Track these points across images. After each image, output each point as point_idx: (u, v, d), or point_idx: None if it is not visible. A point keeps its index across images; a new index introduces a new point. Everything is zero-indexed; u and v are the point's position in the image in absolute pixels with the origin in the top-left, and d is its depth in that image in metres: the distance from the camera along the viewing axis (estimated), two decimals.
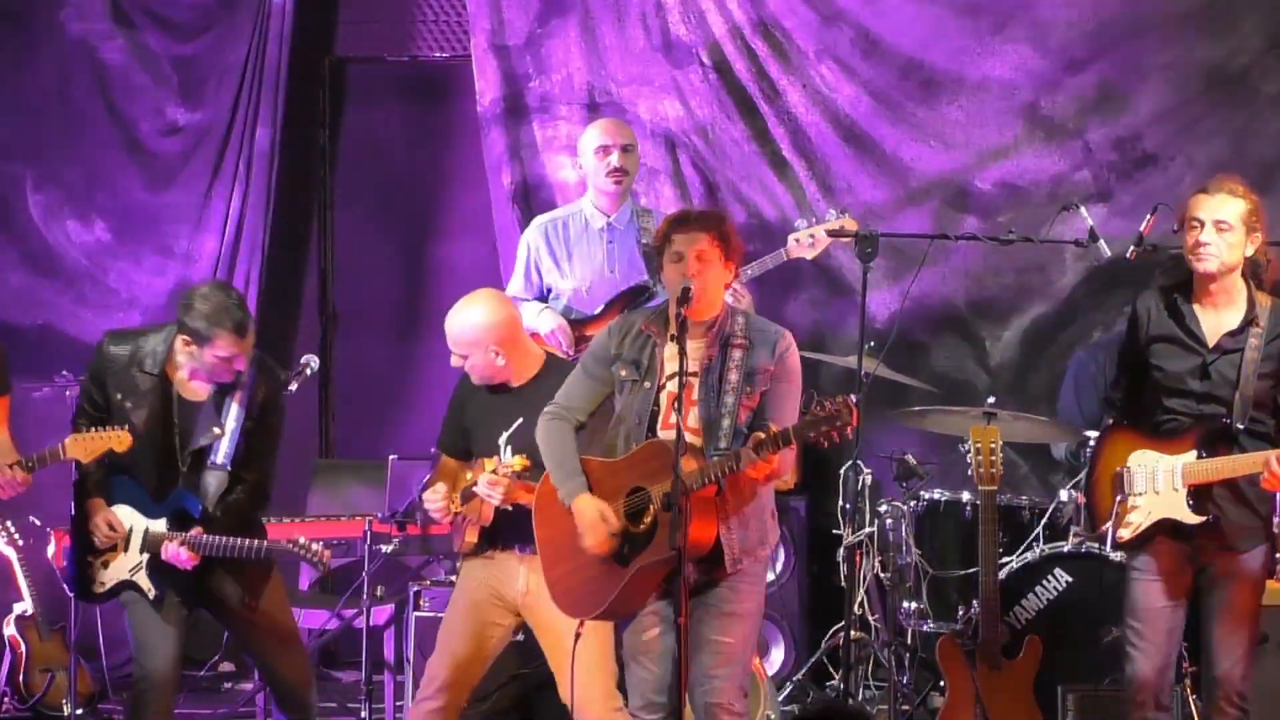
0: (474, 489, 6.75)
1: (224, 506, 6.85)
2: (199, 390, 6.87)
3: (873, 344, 8.11)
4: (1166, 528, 6.53)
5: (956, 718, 7.50)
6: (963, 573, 8.16)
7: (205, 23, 9.72)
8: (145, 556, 6.85)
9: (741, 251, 6.28)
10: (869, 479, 8.24)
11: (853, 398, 5.87)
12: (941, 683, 7.81)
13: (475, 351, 6.79)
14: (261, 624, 6.98)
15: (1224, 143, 9.02)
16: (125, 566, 6.88)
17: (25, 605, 8.65)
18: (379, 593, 8.24)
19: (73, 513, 6.91)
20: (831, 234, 8.08)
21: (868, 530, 8.18)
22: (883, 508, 8.32)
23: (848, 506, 8.17)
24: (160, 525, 6.84)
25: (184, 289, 9.51)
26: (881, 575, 8.29)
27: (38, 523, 8.59)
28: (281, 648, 7.03)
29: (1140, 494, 6.55)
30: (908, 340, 8.97)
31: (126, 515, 6.89)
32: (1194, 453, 6.48)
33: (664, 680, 6.14)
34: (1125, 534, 6.58)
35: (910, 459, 8.44)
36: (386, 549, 8.24)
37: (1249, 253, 6.50)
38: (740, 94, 9.34)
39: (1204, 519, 6.48)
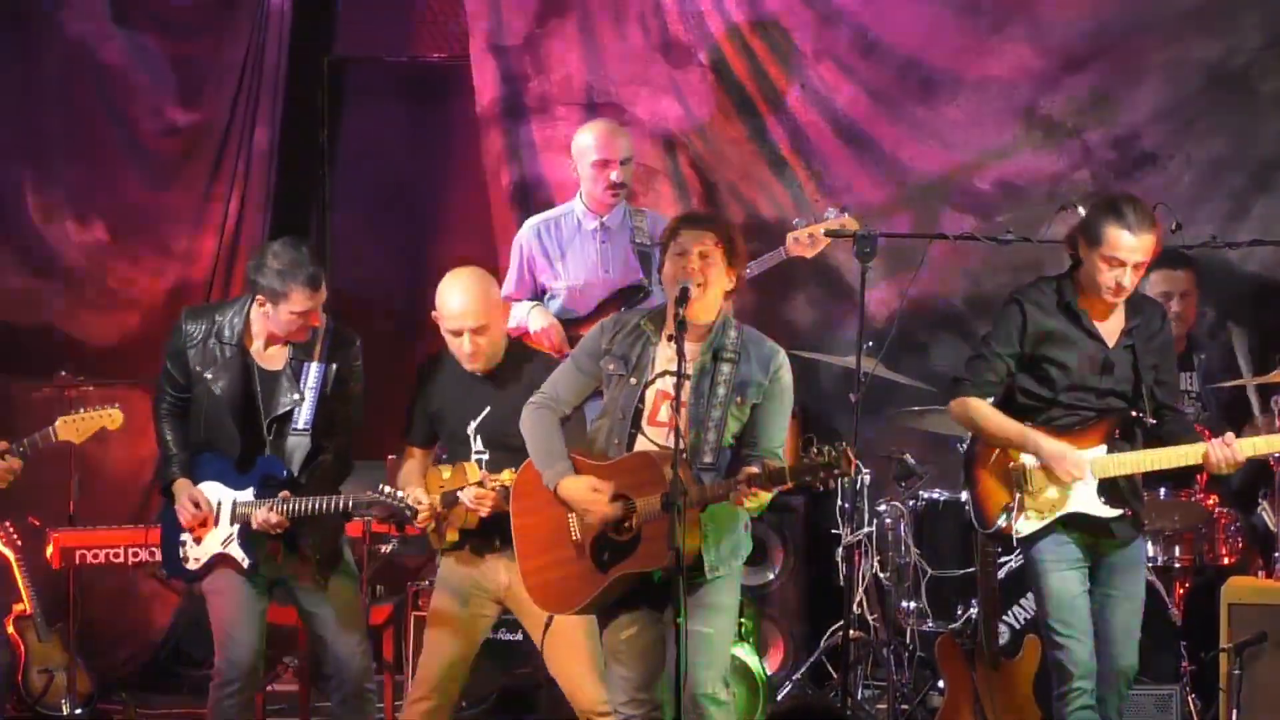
0: (458, 495, 6.76)
1: (309, 473, 6.90)
2: (276, 359, 6.92)
3: (871, 343, 8.11)
4: (1064, 520, 6.56)
5: (955, 717, 7.50)
6: (961, 572, 8.17)
7: (204, 23, 9.72)
8: (236, 528, 6.88)
9: (745, 260, 6.31)
10: (868, 479, 8.25)
11: (849, 447, 5.93)
12: (940, 682, 7.81)
13: (495, 319, 6.80)
14: (331, 604, 6.97)
15: (1223, 142, 9.02)
16: (218, 540, 6.90)
17: (24, 606, 8.64)
18: (378, 592, 8.24)
19: (163, 494, 7.03)
20: (830, 233, 8.08)
21: (867, 530, 8.19)
22: (882, 507, 8.33)
23: (847, 506, 8.19)
24: (248, 495, 6.87)
25: (184, 289, 9.61)
26: (880, 575, 8.30)
27: (37, 523, 8.60)
28: (344, 631, 6.99)
29: (1042, 490, 6.57)
30: (906, 340, 8.97)
31: (214, 490, 6.92)
32: (1103, 447, 6.52)
33: (645, 677, 6.20)
34: (1026, 528, 6.61)
35: (909, 459, 8.45)
36: (385, 549, 8.24)
37: None
38: (739, 94, 9.34)
39: (1119, 513, 6.54)
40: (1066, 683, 6.59)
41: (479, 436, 6.83)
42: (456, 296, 6.82)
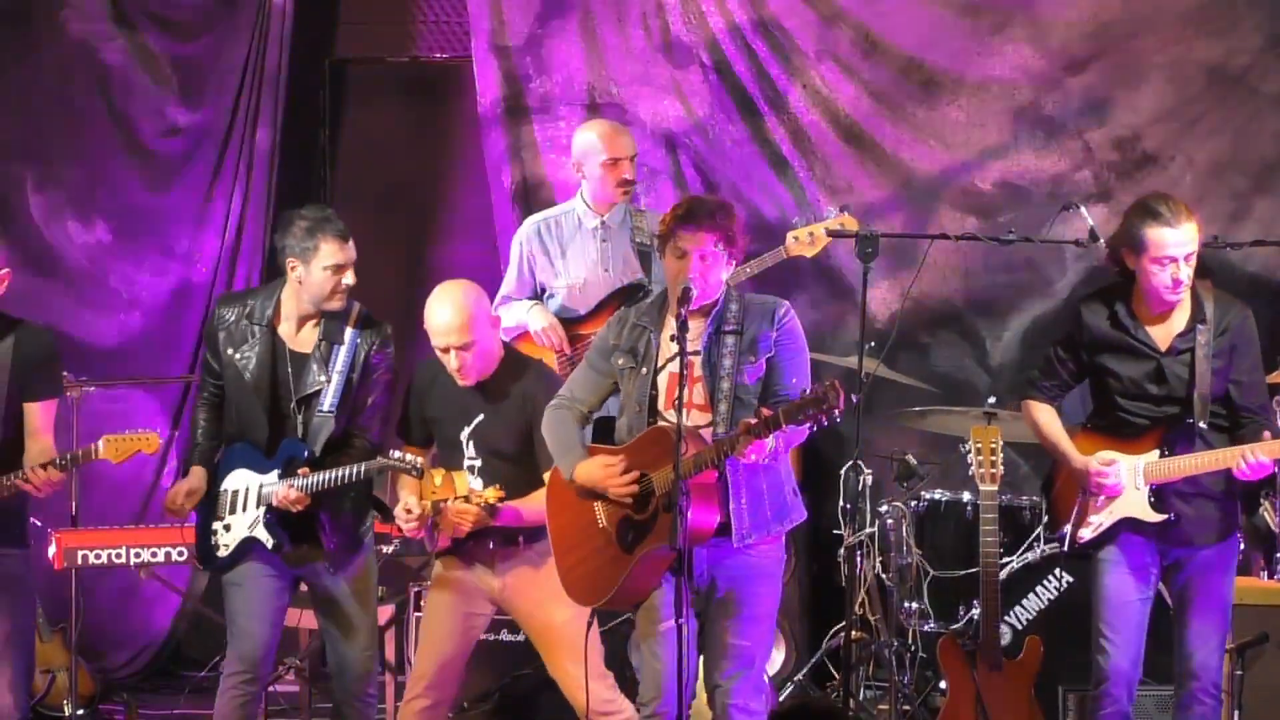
0: (444, 507, 6.78)
1: (335, 458, 6.87)
2: (305, 342, 6.94)
3: (873, 344, 8.11)
4: (1130, 525, 6.59)
5: (957, 718, 7.50)
6: (963, 573, 8.17)
7: (206, 23, 9.72)
8: (262, 510, 6.88)
9: (744, 243, 6.32)
10: (869, 479, 8.24)
11: (840, 383, 5.92)
12: (942, 683, 7.81)
13: (482, 335, 6.78)
14: (343, 599, 6.98)
15: (1223, 142, 9.03)
16: (244, 525, 6.91)
17: None
18: (379, 593, 8.24)
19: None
20: (831, 234, 8.07)
21: (868, 530, 8.19)
22: (883, 508, 8.33)
23: (848, 506, 8.18)
24: (272, 477, 6.88)
25: (186, 289, 9.61)
26: (882, 575, 8.30)
27: (38, 524, 8.59)
28: (351, 630, 7.00)
29: (1099, 496, 6.60)
30: (908, 340, 8.98)
31: (242, 478, 6.93)
32: (1156, 452, 6.55)
33: (675, 674, 6.15)
34: (1086, 534, 6.66)
35: (910, 459, 8.45)
36: (387, 550, 8.25)
37: None
38: (740, 94, 9.34)
39: (1164, 517, 6.55)
40: (1100, 685, 6.62)
41: (471, 443, 6.85)
42: (440, 313, 6.82)
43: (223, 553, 6.96)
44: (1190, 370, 6.54)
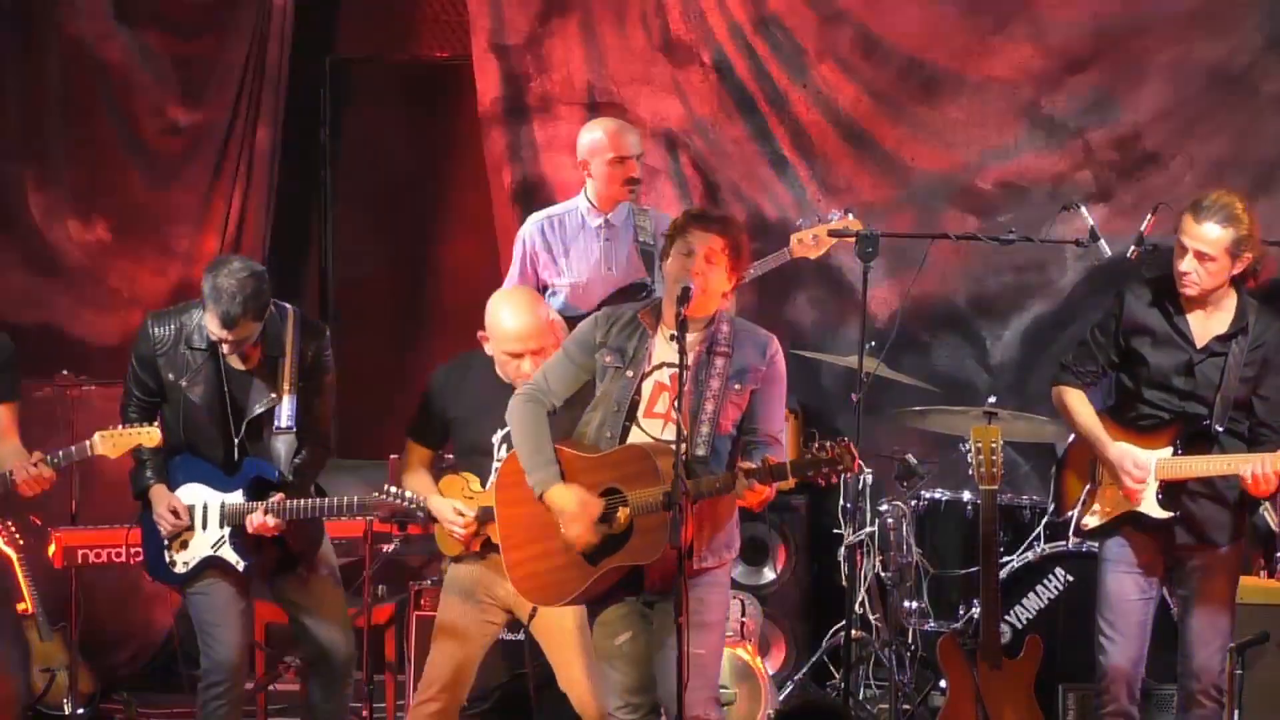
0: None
1: (294, 469, 6.83)
2: (247, 359, 6.83)
3: (873, 343, 8.12)
4: (1135, 520, 6.59)
5: (957, 717, 7.50)
6: (963, 572, 8.19)
7: (206, 22, 9.71)
8: (227, 530, 6.83)
9: (748, 262, 6.31)
10: (870, 478, 8.25)
11: (852, 443, 5.93)
12: (942, 682, 7.82)
13: (548, 342, 6.74)
14: (312, 590, 6.98)
15: (1224, 142, 9.03)
16: (206, 543, 6.85)
17: (26, 605, 8.63)
18: (380, 592, 8.24)
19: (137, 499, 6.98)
20: (833, 233, 8.08)
21: (869, 530, 8.20)
22: (884, 507, 8.33)
23: (849, 506, 8.19)
24: (237, 497, 6.82)
25: (185, 288, 9.61)
26: (882, 574, 8.31)
27: (38, 522, 8.60)
28: (327, 618, 7.00)
29: (1111, 484, 6.60)
30: (908, 340, 8.98)
31: (199, 493, 6.86)
32: (1170, 449, 6.56)
33: (639, 681, 6.21)
34: (1091, 522, 6.67)
35: (911, 459, 8.45)
36: (387, 549, 8.24)
37: (1237, 271, 6.53)
38: (741, 93, 9.34)
39: (1170, 515, 6.56)
40: (1100, 681, 6.66)
41: (505, 446, 6.80)
42: (518, 319, 6.76)
43: (180, 569, 6.91)
44: (1220, 374, 6.55)
